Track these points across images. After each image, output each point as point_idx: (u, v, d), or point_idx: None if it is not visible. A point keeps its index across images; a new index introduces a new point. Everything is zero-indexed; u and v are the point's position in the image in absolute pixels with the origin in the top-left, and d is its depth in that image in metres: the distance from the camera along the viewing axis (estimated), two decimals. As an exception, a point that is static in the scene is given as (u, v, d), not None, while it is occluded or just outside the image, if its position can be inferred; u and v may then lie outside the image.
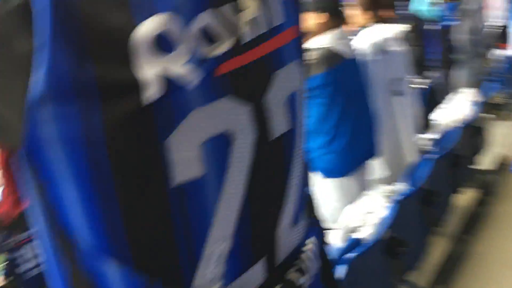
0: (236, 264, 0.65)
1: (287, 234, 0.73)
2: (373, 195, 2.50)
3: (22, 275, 4.10)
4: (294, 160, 0.72)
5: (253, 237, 0.67)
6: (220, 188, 0.61)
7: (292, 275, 0.71)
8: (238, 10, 0.61)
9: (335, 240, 2.54)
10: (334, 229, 2.67)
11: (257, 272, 0.68)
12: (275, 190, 0.70)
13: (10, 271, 4.58)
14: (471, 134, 3.34)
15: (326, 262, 0.85)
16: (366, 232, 2.31)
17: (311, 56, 2.35)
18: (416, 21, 5.42)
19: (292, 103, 0.70)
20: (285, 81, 0.68)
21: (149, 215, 0.58)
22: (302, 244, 0.76)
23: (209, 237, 0.61)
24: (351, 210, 2.50)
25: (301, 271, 0.72)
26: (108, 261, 0.58)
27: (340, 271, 1.82)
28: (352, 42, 2.64)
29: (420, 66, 5.74)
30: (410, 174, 2.55)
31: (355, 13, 2.94)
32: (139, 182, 0.56)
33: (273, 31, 0.66)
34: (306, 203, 0.81)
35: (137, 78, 0.52)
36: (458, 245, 2.81)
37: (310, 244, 0.77)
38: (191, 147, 0.57)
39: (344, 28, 2.52)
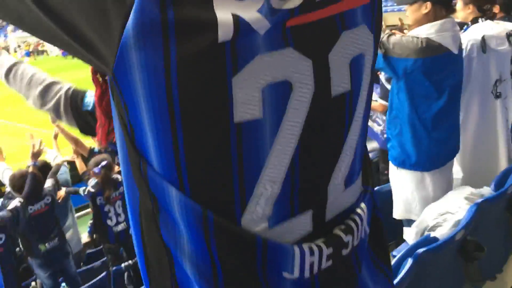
0: (283, 209, 0.69)
1: (339, 193, 0.75)
2: (456, 195, 2.41)
3: (108, 230, 4.43)
4: (354, 122, 0.74)
5: (302, 187, 0.70)
6: (276, 133, 0.65)
7: (339, 231, 0.74)
8: None
9: (409, 235, 2.50)
10: (408, 221, 2.62)
11: (303, 221, 0.72)
12: (330, 147, 0.72)
13: (94, 229, 4.93)
14: None
15: (379, 231, 0.86)
16: (442, 231, 2.25)
17: (410, 41, 2.30)
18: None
19: (357, 65, 0.71)
20: (351, 43, 0.70)
21: (209, 147, 0.63)
22: (354, 206, 0.78)
23: (261, 177, 0.66)
24: (430, 208, 2.44)
25: (349, 230, 0.74)
26: (169, 185, 0.65)
27: (408, 265, 1.79)
28: (460, 36, 2.54)
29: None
30: (499, 179, 2.41)
31: (457, 6, 2.80)
32: (204, 114, 0.61)
33: None
34: (364, 169, 0.83)
35: (215, 17, 0.58)
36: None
37: (361, 209, 0.78)
38: (253, 89, 0.62)
39: (450, 19, 2.40)
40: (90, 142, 4.98)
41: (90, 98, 1.49)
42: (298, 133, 0.67)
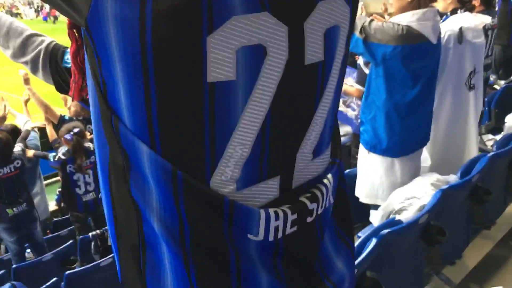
0: (252, 173, 0.70)
1: (306, 162, 0.76)
2: (423, 181, 2.47)
3: (76, 199, 4.39)
4: (326, 92, 0.75)
5: (271, 152, 0.71)
6: (248, 97, 0.66)
7: (304, 198, 0.75)
8: None
9: (375, 218, 2.56)
10: (375, 205, 2.68)
11: (271, 186, 0.73)
12: (301, 115, 0.73)
13: (62, 197, 4.89)
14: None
15: (344, 203, 0.88)
16: (407, 215, 2.30)
17: (390, 28, 2.32)
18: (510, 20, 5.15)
19: (332, 36, 0.72)
20: (327, 13, 0.70)
21: (181, 106, 0.64)
22: (321, 177, 0.80)
23: (231, 139, 0.67)
24: (397, 192, 2.49)
25: (315, 199, 0.76)
26: (140, 143, 0.65)
27: (371, 245, 1.84)
28: (439, 26, 2.57)
29: (503, 66, 5.50)
30: (465, 168, 2.48)
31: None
32: (177, 72, 0.62)
33: None
34: (333, 141, 0.84)
35: None
36: (500, 248, 2.72)
37: (328, 179, 0.80)
38: (228, 50, 0.62)
39: (432, 9, 2.43)
40: (61, 110, 4.91)
41: None
42: (270, 98, 0.68)
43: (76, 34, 0.85)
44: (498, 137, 3.65)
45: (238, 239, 0.70)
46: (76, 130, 4.16)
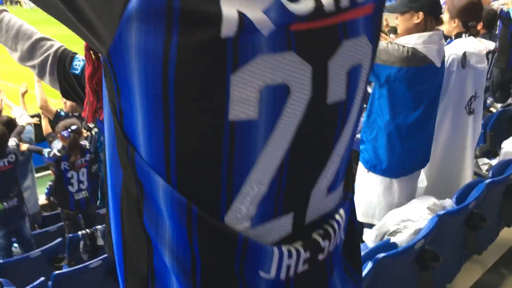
0: (267, 210, 0.69)
1: (321, 198, 0.76)
2: (420, 204, 2.48)
3: (68, 196, 4.37)
4: (345, 131, 0.74)
5: (287, 190, 0.70)
6: (269, 135, 0.65)
7: (317, 236, 0.75)
8: None
9: (369, 237, 2.56)
10: (369, 224, 2.68)
11: (284, 223, 0.72)
12: (319, 154, 0.73)
13: (54, 194, 4.85)
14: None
15: (353, 239, 0.88)
16: (402, 238, 2.30)
17: (396, 49, 2.32)
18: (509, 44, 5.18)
19: (354, 75, 0.72)
20: (351, 52, 0.70)
21: (200, 142, 0.63)
22: (333, 212, 0.79)
23: (249, 177, 0.66)
24: (393, 214, 2.49)
25: (327, 236, 0.75)
26: (156, 175, 0.64)
27: (367, 268, 1.84)
28: (444, 50, 2.58)
29: (500, 89, 5.54)
30: (461, 193, 2.49)
31: (443, 19, 2.84)
32: (199, 107, 0.61)
33: (353, 3, 0.68)
34: (346, 175, 0.84)
35: (220, 12, 0.57)
36: (491, 275, 2.74)
37: (340, 215, 0.79)
38: (251, 89, 0.61)
39: (437, 32, 2.43)
40: (55, 102, 4.87)
41: (79, 62, 1.45)
42: (291, 137, 0.67)
43: (93, 56, 0.84)
44: (493, 161, 3.67)
45: (249, 276, 0.69)
46: (73, 127, 4.13)
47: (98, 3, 0.59)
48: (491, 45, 3.03)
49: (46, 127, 4.61)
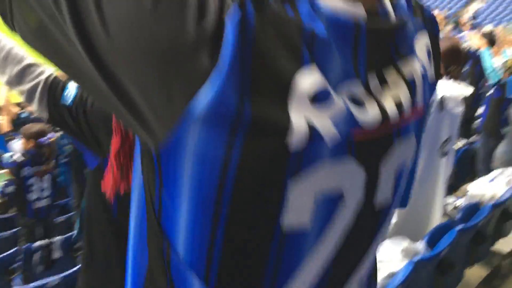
0: None
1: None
2: (393, 246, 2.50)
3: (25, 204, 4.19)
4: (382, 232, 0.73)
5: (327, 286, 0.68)
6: (316, 240, 0.63)
7: None
8: (385, 85, 0.63)
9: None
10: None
11: None
12: (357, 255, 0.71)
13: (10, 200, 4.65)
14: (501, 215, 3.31)
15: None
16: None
17: None
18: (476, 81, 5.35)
19: (400, 174, 0.71)
20: (400, 153, 0.68)
21: (248, 246, 0.60)
22: None
23: (292, 282, 0.63)
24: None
25: None
26: (193, 277, 0.60)
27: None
28: None
29: (465, 124, 5.72)
30: (431, 235, 2.54)
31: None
32: (253, 212, 0.58)
33: (409, 108, 0.67)
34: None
35: (289, 121, 0.54)
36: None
37: None
38: (308, 196, 0.58)
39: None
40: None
41: (71, 91, 1.39)
42: (337, 241, 0.65)
43: (122, 127, 0.78)
44: (458, 202, 3.76)
45: None
46: (50, 135, 3.96)
47: (157, 100, 0.53)
48: (468, 91, 3.12)
49: (6, 126, 4.41)
